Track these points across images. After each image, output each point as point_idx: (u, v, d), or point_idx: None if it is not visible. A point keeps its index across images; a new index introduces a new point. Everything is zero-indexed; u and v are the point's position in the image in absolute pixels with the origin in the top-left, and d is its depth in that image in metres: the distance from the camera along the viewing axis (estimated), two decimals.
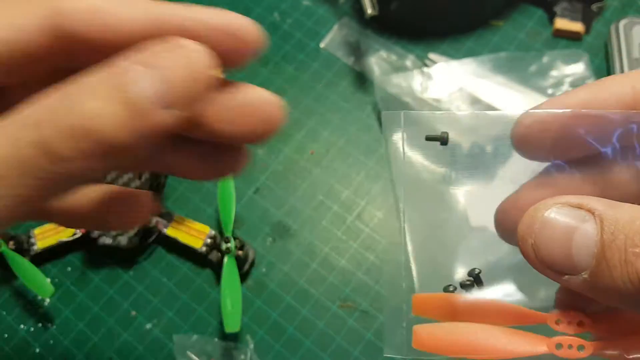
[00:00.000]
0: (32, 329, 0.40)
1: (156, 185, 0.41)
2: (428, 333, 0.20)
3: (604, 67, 0.46)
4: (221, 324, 0.39)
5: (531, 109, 0.19)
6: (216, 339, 0.38)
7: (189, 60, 0.16)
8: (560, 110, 0.19)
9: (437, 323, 0.21)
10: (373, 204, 0.43)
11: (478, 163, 0.27)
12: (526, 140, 0.19)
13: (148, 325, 0.40)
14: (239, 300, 0.38)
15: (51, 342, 0.40)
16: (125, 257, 0.41)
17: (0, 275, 0.41)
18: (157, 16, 0.17)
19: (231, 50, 0.18)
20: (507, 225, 0.21)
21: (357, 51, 0.48)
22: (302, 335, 0.39)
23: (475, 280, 0.23)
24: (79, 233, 0.41)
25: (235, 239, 0.40)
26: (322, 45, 0.49)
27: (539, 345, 0.19)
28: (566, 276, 0.17)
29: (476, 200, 0.26)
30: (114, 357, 0.39)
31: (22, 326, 0.40)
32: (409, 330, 0.21)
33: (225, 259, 0.39)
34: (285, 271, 0.41)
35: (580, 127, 0.18)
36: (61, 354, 0.39)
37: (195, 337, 0.38)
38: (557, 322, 0.19)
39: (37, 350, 0.39)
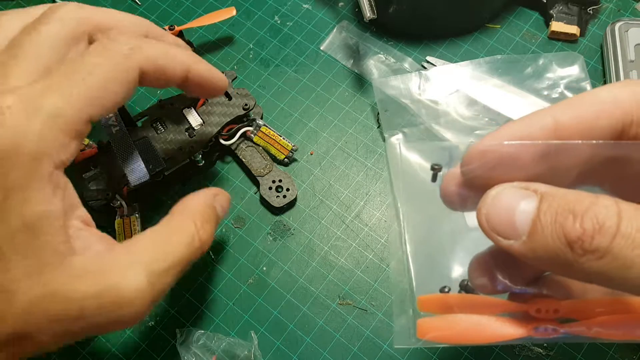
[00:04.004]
0: None
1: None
2: (429, 325, 0.24)
3: (599, 69, 0.47)
4: (223, 322, 0.40)
5: (476, 141, 0.24)
6: (220, 335, 0.39)
7: None
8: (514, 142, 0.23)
9: (437, 316, 0.24)
10: (372, 203, 0.43)
11: None
12: (470, 166, 0.23)
13: (151, 323, 0.40)
14: None
15: None
16: None
17: None
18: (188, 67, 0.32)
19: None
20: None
21: (356, 54, 0.48)
22: (302, 332, 0.39)
23: (466, 290, 0.26)
24: None
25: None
26: (321, 47, 0.49)
27: (522, 329, 0.22)
28: (510, 241, 0.20)
29: None
30: (118, 354, 0.40)
31: None
32: (414, 324, 0.24)
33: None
34: (286, 269, 0.41)
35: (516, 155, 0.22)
36: (65, 351, 0.40)
37: (198, 332, 0.39)
38: (536, 311, 0.23)
39: None
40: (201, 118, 0.41)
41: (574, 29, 0.48)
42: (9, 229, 0.24)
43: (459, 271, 0.31)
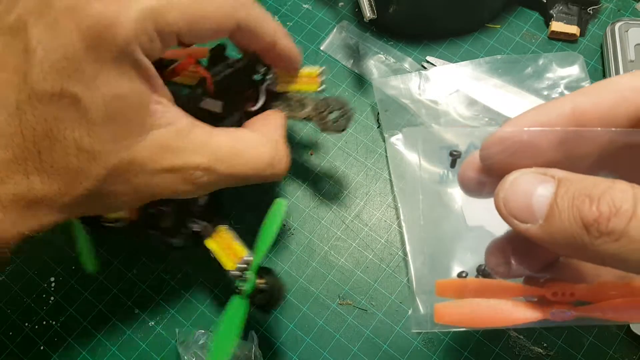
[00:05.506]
0: (36, 326, 0.40)
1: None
2: (447, 309, 0.24)
3: (599, 69, 0.47)
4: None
5: (497, 130, 0.24)
6: None
7: None
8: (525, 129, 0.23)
9: (454, 300, 0.25)
10: (372, 203, 0.43)
11: None
12: (488, 152, 0.24)
13: (151, 323, 0.40)
14: (228, 348, 0.33)
15: (55, 339, 0.40)
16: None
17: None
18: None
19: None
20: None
21: (356, 54, 0.48)
22: (302, 332, 0.39)
23: (483, 274, 0.27)
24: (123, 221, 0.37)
25: (260, 276, 0.34)
26: (321, 48, 0.49)
27: (539, 312, 0.23)
28: (527, 224, 0.21)
29: (472, 200, 0.27)
30: (118, 354, 0.40)
31: (26, 324, 0.41)
32: (431, 309, 0.25)
33: (233, 299, 0.34)
34: (286, 269, 0.41)
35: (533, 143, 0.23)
36: (65, 351, 0.40)
37: (198, 332, 0.38)
38: (553, 294, 0.23)
39: (42, 347, 0.40)
40: (219, 101, 0.36)
41: (574, 29, 0.48)
42: (101, 98, 0.26)
43: (458, 270, 0.31)
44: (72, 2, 0.26)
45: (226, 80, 0.37)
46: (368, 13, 0.42)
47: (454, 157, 0.27)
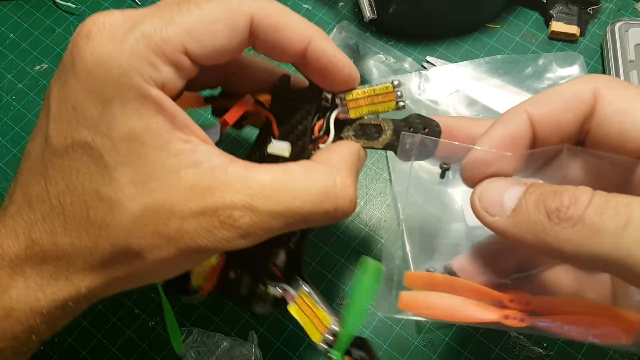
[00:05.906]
0: None
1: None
2: (411, 298, 0.26)
3: (599, 69, 0.47)
4: (224, 322, 0.40)
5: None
6: (220, 335, 0.39)
7: None
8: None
9: (419, 291, 0.27)
10: (372, 203, 0.43)
11: None
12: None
13: (151, 323, 0.40)
14: None
15: (55, 339, 0.40)
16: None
17: None
18: (313, 43, 0.28)
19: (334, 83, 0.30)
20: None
21: (356, 54, 0.48)
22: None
23: (449, 273, 0.28)
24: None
25: (350, 355, 0.30)
26: None
27: (495, 314, 0.25)
28: (495, 217, 0.24)
29: None
30: (118, 354, 0.40)
31: None
32: (397, 296, 0.27)
33: None
34: None
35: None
36: (65, 351, 0.40)
37: (198, 332, 0.38)
38: (510, 301, 0.25)
39: (42, 347, 0.40)
40: (284, 140, 0.32)
41: (574, 29, 0.48)
42: (110, 140, 0.24)
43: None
44: (73, 54, 0.25)
45: (292, 117, 0.32)
46: (368, 13, 0.42)
47: (444, 170, 0.28)
